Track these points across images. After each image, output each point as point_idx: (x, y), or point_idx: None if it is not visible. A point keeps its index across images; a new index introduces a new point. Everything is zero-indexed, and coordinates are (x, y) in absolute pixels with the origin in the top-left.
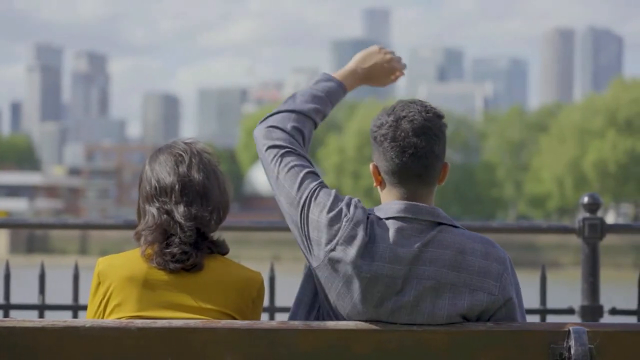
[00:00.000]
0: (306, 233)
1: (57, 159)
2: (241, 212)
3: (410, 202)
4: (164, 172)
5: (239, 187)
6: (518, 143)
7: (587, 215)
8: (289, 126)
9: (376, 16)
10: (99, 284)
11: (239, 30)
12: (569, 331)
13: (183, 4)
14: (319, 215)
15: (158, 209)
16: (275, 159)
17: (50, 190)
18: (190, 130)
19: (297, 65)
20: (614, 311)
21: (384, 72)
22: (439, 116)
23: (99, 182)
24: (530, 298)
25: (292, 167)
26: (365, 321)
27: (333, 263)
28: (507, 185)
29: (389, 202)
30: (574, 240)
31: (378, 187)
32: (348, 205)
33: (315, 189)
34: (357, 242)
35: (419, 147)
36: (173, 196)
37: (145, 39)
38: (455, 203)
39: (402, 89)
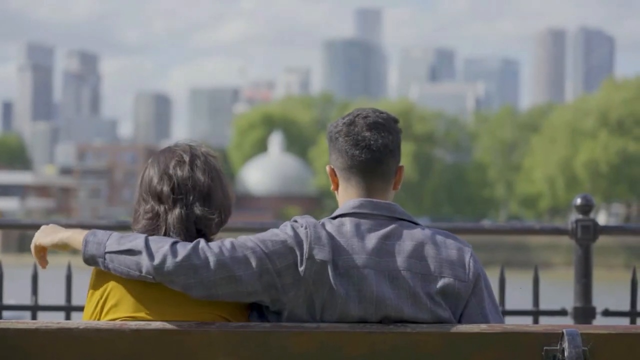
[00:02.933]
0: (279, 270)
1: (49, 159)
2: (233, 212)
3: (366, 199)
4: (166, 173)
5: None
6: (509, 143)
7: (580, 216)
8: (168, 240)
9: (368, 16)
10: (96, 284)
11: (231, 30)
12: (562, 333)
13: (176, 3)
14: (282, 242)
15: (156, 209)
16: (216, 267)
17: (42, 190)
18: (181, 130)
19: (289, 65)
20: (606, 312)
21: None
22: (393, 119)
23: (90, 182)
24: (523, 299)
25: (230, 249)
26: (358, 322)
27: (314, 271)
28: (498, 185)
29: (345, 202)
30: (566, 240)
31: (335, 191)
32: (292, 220)
33: (251, 242)
34: (325, 240)
35: (371, 140)
36: (171, 197)
37: (138, 39)
38: (446, 203)
39: (394, 89)
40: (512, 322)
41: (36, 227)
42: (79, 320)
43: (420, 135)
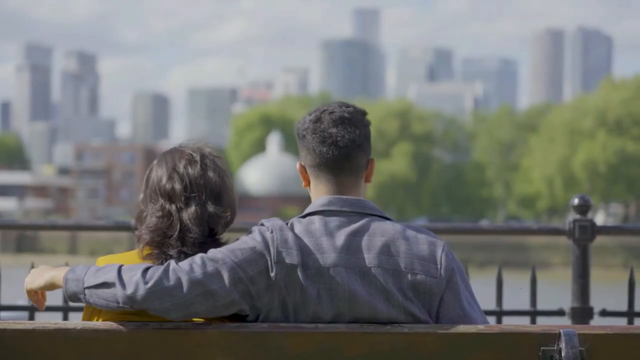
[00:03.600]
0: (252, 277)
1: (47, 159)
2: None
3: (335, 196)
4: (177, 172)
5: None
6: (508, 143)
7: (578, 216)
8: (140, 267)
9: (366, 16)
10: None
11: (230, 30)
12: (559, 334)
13: (175, 3)
14: (251, 248)
15: (167, 208)
16: (189, 285)
17: (40, 190)
18: (180, 130)
19: (287, 65)
20: (604, 313)
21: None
22: (360, 111)
23: (88, 182)
24: (520, 299)
25: (201, 265)
26: (332, 321)
27: (284, 275)
28: (496, 185)
29: (315, 200)
30: (564, 240)
31: (307, 187)
32: (259, 224)
33: (223, 258)
34: (292, 242)
35: (338, 136)
36: (184, 196)
37: (137, 39)
38: (445, 203)
39: (392, 89)
40: (509, 322)
41: (34, 227)
42: (76, 321)
43: (418, 135)
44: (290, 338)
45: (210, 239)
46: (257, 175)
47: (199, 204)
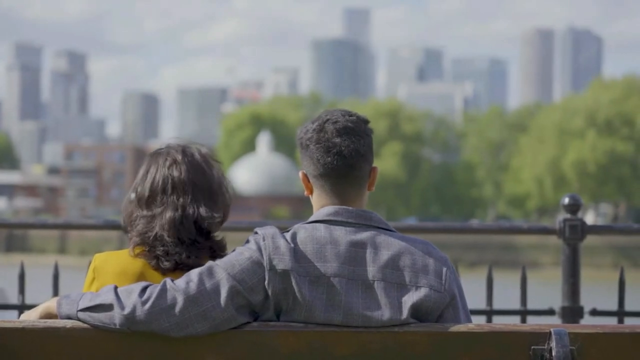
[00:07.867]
0: (251, 286)
1: (37, 158)
2: None
3: (342, 207)
4: (161, 175)
5: None
6: (498, 143)
7: (568, 216)
8: (136, 288)
9: (356, 16)
10: (93, 279)
11: (222, 30)
12: (550, 333)
13: (168, 3)
14: (248, 259)
15: (151, 212)
16: (186, 304)
17: (30, 189)
18: (170, 129)
19: (277, 65)
20: (594, 312)
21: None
22: (363, 120)
23: (78, 181)
24: (510, 299)
25: (198, 283)
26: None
27: (278, 281)
28: (486, 185)
29: (320, 209)
30: (554, 240)
31: (310, 195)
32: (254, 232)
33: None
34: (284, 249)
35: (342, 146)
36: (164, 199)
37: (129, 39)
38: (434, 203)
39: (382, 89)
40: (499, 322)
41: (23, 226)
42: (66, 320)
43: (408, 135)
44: (281, 337)
45: (202, 237)
46: (247, 175)
47: (183, 206)
